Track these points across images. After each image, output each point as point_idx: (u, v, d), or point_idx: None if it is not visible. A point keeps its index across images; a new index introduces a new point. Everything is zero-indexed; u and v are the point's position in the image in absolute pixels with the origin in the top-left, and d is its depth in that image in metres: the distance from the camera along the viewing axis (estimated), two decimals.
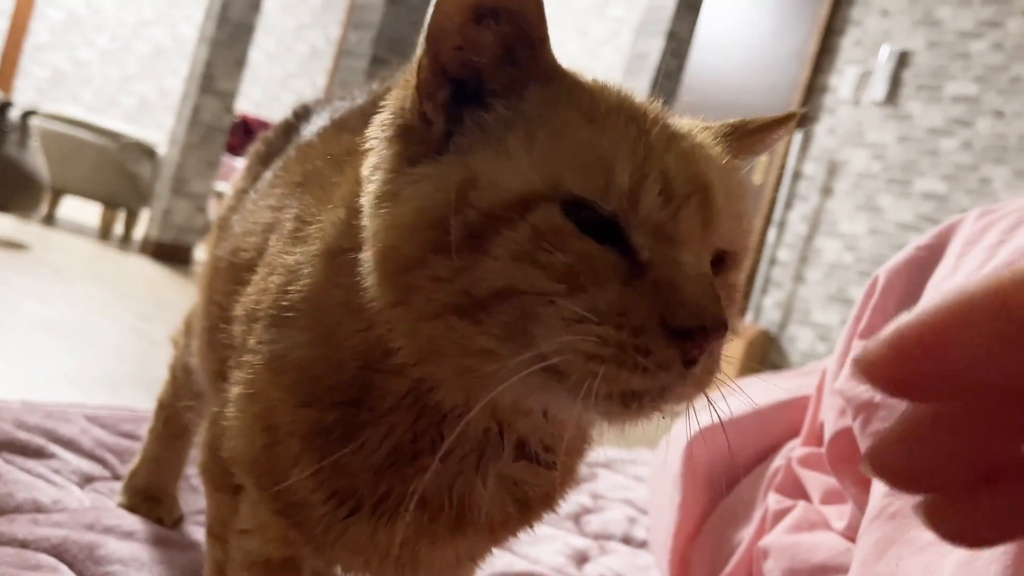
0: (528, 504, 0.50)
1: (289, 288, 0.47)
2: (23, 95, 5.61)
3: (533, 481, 0.49)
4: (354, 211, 0.44)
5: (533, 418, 0.45)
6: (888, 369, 0.21)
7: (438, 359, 0.41)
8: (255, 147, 0.78)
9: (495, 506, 0.48)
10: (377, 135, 0.43)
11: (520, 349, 0.37)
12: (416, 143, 0.41)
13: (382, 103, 0.44)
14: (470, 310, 0.37)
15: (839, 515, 0.76)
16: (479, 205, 0.38)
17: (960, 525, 0.21)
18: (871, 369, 0.21)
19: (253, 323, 0.50)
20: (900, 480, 0.22)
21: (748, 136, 0.48)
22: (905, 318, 0.21)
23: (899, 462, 0.21)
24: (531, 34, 0.40)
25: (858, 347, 0.77)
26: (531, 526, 0.52)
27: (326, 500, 0.46)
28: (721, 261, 0.42)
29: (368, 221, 0.42)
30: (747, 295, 4.36)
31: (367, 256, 0.41)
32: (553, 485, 0.51)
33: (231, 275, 0.58)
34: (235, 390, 0.49)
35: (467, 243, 0.38)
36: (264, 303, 0.49)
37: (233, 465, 0.51)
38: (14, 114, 2.79)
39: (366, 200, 0.42)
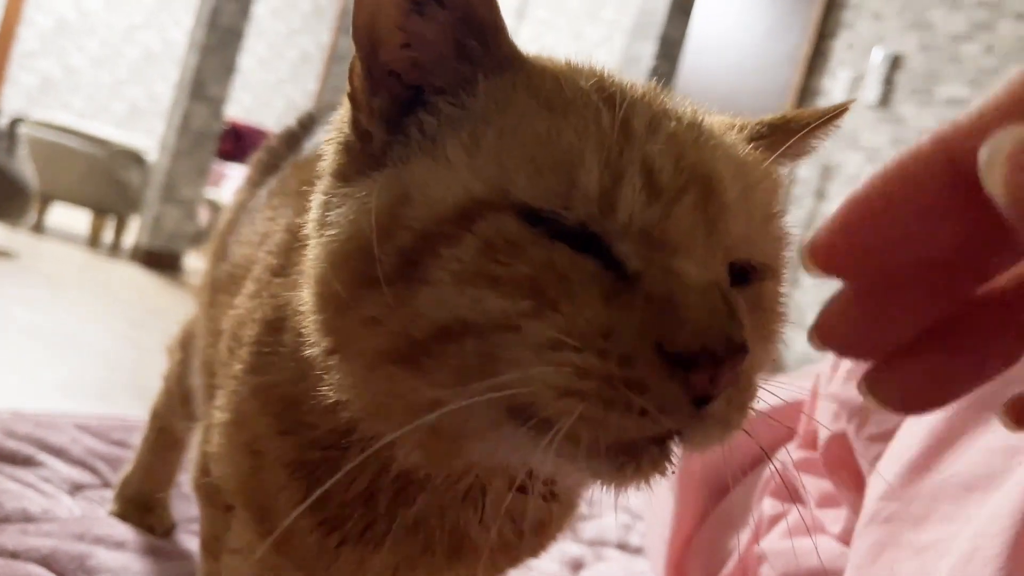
0: (527, 533, 0.47)
1: (276, 324, 0.44)
2: (11, 102, 5.58)
3: (533, 511, 0.46)
4: None
5: (517, 475, 0.38)
6: (833, 246, 0.22)
7: (385, 417, 0.34)
8: (257, 156, 0.76)
9: (494, 535, 0.46)
10: (325, 151, 0.37)
11: (481, 390, 0.29)
12: (352, 159, 0.35)
13: None
14: (410, 356, 0.30)
15: (834, 519, 0.76)
16: (412, 224, 0.31)
17: (893, 392, 0.23)
18: (817, 251, 0.22)
19: (239, 346, 0.48)
20: (841, 348, 0.23)
21: (791, 134, 0.38)
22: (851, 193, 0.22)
23: (839, 333, 0.23)
24: (482, 20, 0.33)
25: None
26: (535, 554, 0.50)
27: (313, 529, 0.44)
28: (745, 275, 0.34)
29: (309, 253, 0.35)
30: None
31: (305, 295, 0.35)
32: (555, 514, 0.49)
33: (231, 292, 0.56)
34: (220, 416, 0.48)
35: (401, 273, 0.30)
36: (252, 332, 0.47)
37: (222, 487, 0.49)
38: (2, 122, 2.77)
39: (309, 229, 0.36)
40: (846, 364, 0.74)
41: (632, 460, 0.29)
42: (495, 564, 0.48)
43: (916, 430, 0.58)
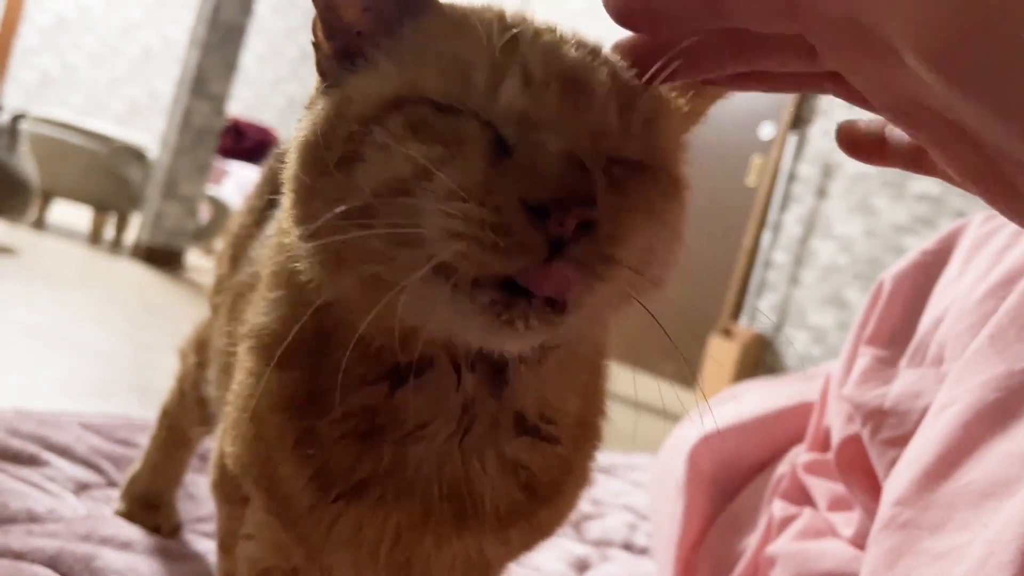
0: (537, 491, 0.47)
1: (276, 266, 0.48)
2: (12, 99, 5.57)
3: (538, 462, 0.46)
4: None
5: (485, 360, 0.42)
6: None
7: (343, 274, 0.40)
8: (270, 164, 0.76)
9: (500, 493, 0.45)
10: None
11: (412, 250, 0.36)
12: (316, 92, 0.44)
13: None
14: (360, 216, 0.37)
15: (846, 522, 0.75)
16: (352, 116, 0.39)
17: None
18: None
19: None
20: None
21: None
22: None
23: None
24: None
25: (865, 353, 0.77)
26: (549, 527, 0.49)
27: (307, 483, 0.44)
28: (625, 168, 0.40)
29: None
30: (742, 298, 4.37)
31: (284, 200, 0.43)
32: (562, 469, 0.48)
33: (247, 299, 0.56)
34: (232, 393, 0.49)
35: (347, 156, 0.38)
36: (259, 298, 0.49)
37: (235, 468, 0.49)
38: (3, 118, 2.76)
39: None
40: (859, 367, 0.73)
41: (506, 307, 0.35)
42: (505, 532, 0.47)
43: (932, 436, 0.58)
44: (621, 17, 0.36)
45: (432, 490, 0.44)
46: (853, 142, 0.39)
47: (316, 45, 0.43)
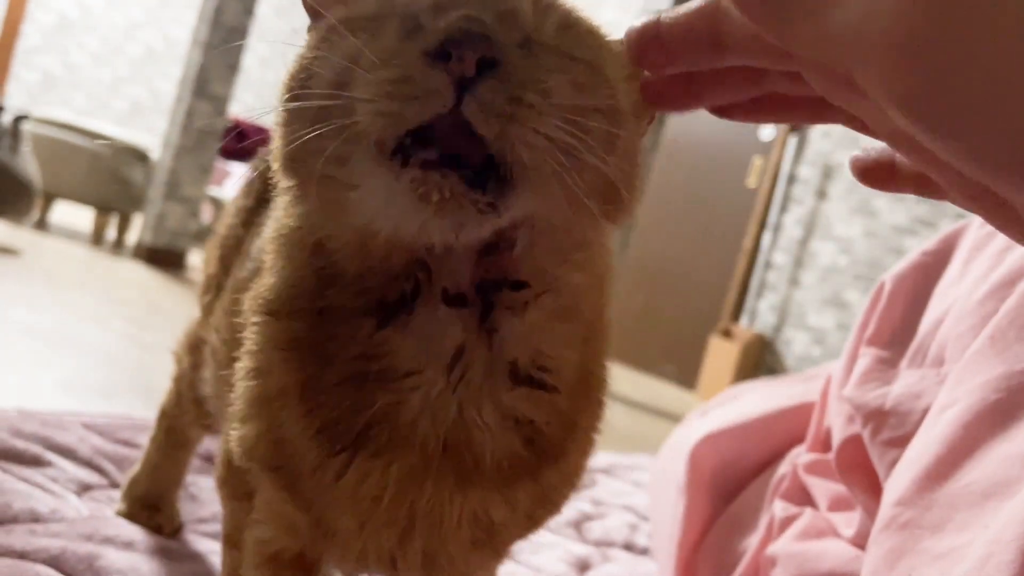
0: (540, 446, 0.46)
1: (274, 234, 0.49)
2: (14, 99, 5.57)
3: (537, 414, 0.46)
4: None
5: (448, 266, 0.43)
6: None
7: (310, 193, 0.42)
8: (254, 164, 0.77)
9: (500, 445, 0.45)
10: None
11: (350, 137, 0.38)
12: None
13: None
14: (313, 119, 0.39)
15: (847, 522, 0.76)
16: (310, 46, 0.43)
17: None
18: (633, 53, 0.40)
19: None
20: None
21: None
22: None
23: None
24: None
25: (865, 353, 0.77)
26: (558, 490, 0.49)
27: (313, 438, 0.45)
28: (542, 47, 0.40)
29: None
30: (742, 299, 4.37)
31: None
32: (564, 426, 0.47)
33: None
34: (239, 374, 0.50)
35: (308, 77, 0.41)
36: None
37: (241, 453, 0.50)
38: (5, 119, 2.77)
39: None
40: (860, 367, 0.73)
41: (422, 183, 0.37)
42: (511, 491, 0.46)
43: (932, 436, 0.58)
44: (636, 53, 0.40)
45: (428, 440, 0.44)
46: (864, 171, 0.41)
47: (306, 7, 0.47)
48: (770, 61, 0.35)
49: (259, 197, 0.71)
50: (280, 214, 0.49)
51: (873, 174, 0.40)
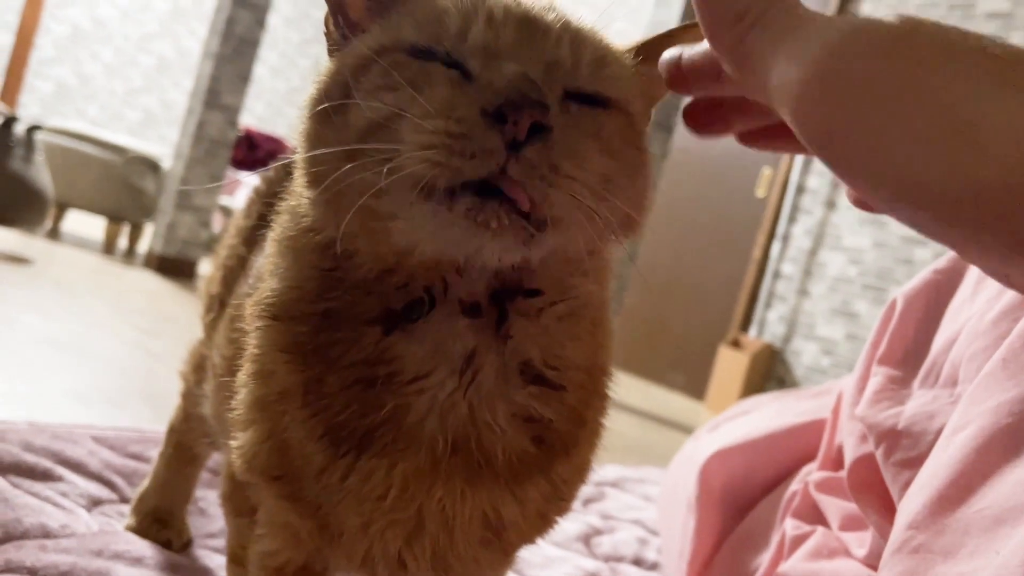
0: (549, 443, 0.47)
1: (278, 235, 0.51)
2: (28, 109, 5.63)
3: (548, 411, 0.47)
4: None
5: (467, 278, 0.45)
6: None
7: (342, 210, 0.43)
8: (257, 187, 0.78)
9: (511, 444, 0.46)
10: None
11: (395, 175, 0.40)
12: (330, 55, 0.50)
13: None
14: (352, 154, 0.41)
15: (859, 542, 0.75)
16: (346, 69, 0.45)
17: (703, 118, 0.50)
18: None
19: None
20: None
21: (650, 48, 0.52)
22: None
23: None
24: None
25: (878, 372, 0.76)
26: (564, 489, 0.50)
27: (319, 442, 0.45)
28: (579, 101, 0.44)
29: None
30: (751, 309, 4.36)
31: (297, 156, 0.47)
32: (573, 421, 0.48)
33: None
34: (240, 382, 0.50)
35: (342, 105, 0.43)
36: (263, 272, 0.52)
37: (243, 466, 0.50)
38: (19, 129, 2.79)
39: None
40: (872, 386, 0.73)
41: (480, 210, 0.39)
42: (521, 488, 0.47)
43: (945, 459, 0.57)
44: (667, 78, 0.48)
45: (437, 441, 0.45)
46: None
47: (327, 35, 0.50)
48: (758, 97, 0.42)
49: (260, 216, 0.72)
50: (284, 218, 0.50)
51: (859, 202, 0.47)
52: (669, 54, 0.47)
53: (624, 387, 0.54)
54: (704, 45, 0.44)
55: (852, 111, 0.34)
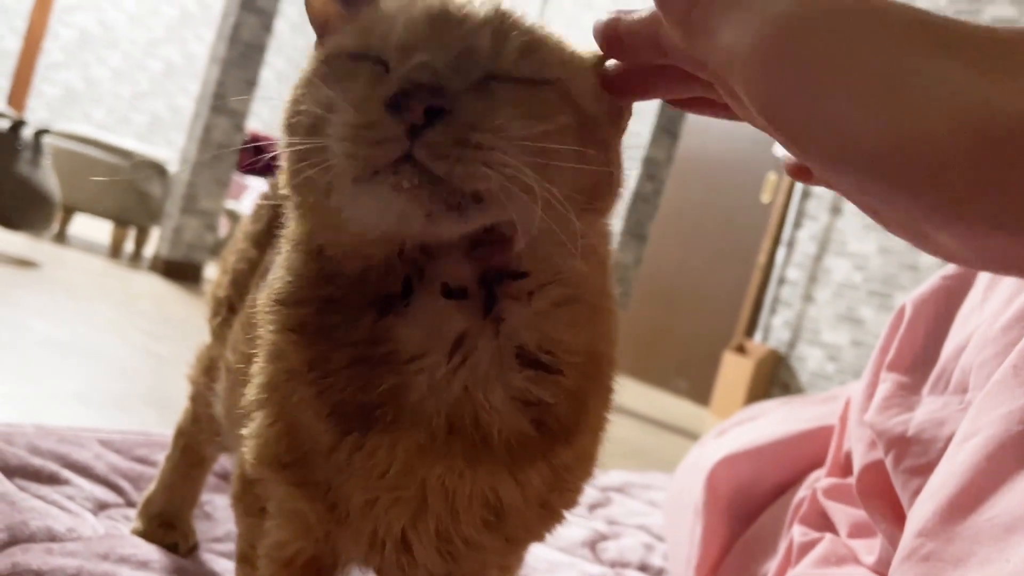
0: (549, 427, 0.48)
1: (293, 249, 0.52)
2: (36, 113, 5.66)
3: (545, 394, 0.47)
4: None
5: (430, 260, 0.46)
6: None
7: (306, 212, 0.47)
8: (262, 194, 0.79)
9: (508, 426, 0.47)
10: None
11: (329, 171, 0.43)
12: None
13: None
14: (300, 156, 0.44)
15: (868, 549, 0.75)
16: (303, 80, 0.48)
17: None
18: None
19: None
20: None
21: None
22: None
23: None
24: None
25: (887, 378, 0.76)
26: (568, 478, 0.50)
27: (326, 421, 0.47)
28: (503, 82, 0.44)
29: None
30: (756, 314, 4.35)
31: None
32: (573, 406, 0.48)
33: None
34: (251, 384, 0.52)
35: (301, 110, 0.46)
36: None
37: (255, 457, 0.51)
38: (27, 132, 2.81)
39: None
40: (881, 392, 0.73)
41: (386, 178, 0.41)
42: (522, 471, 0.47)
43: (955, 466, 0.57)
44: (603, 43, 0.47)
45: (435, 421, 0.46)
46: (792, 171, 0.49)
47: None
48: (693, 67, 0.44)
49: (270, 221, 0.73)
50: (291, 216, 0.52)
51: (796, 172, 0.49)
52: (606, 18, 0.47)
53: (628, 392, 0.54)
54: (642, 11, 0.45)
55: (796, 77, 0.36)
